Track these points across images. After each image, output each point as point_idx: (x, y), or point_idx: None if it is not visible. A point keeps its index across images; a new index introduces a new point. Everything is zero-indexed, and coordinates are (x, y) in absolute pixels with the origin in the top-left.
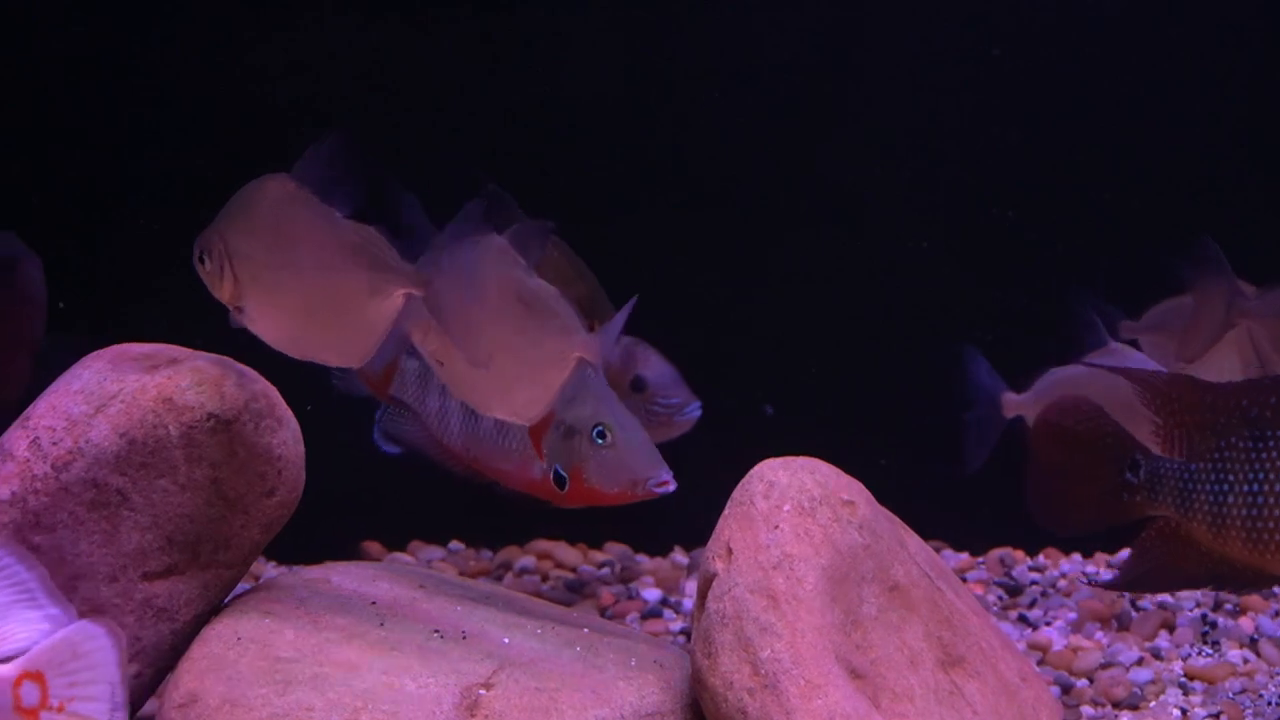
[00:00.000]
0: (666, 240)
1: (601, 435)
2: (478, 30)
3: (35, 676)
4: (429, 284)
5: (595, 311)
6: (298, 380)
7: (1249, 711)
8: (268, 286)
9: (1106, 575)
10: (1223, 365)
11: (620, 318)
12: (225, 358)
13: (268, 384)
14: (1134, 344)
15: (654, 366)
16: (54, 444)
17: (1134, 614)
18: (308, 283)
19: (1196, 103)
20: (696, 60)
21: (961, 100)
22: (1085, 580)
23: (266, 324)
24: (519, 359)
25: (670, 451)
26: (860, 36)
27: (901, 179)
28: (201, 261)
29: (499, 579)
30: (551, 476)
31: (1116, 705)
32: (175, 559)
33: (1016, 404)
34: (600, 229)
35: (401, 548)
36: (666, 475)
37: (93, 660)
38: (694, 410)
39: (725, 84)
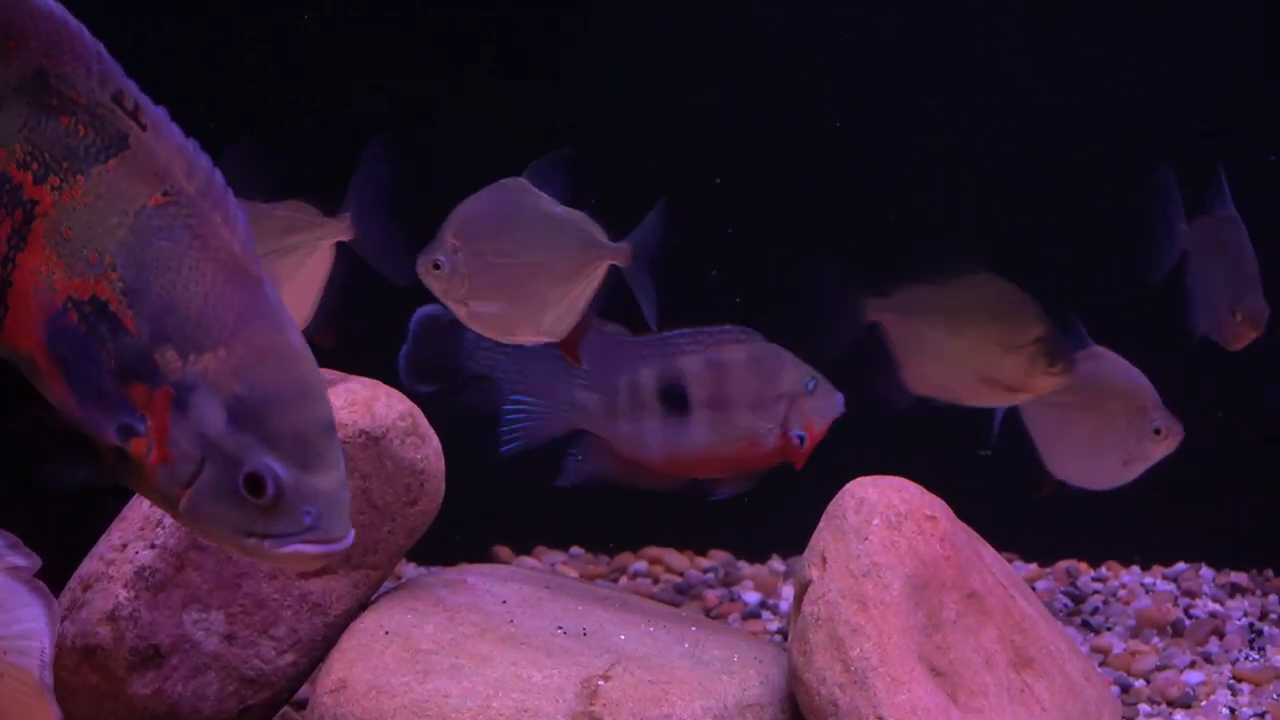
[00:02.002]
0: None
1: (812, 384)
2: None
3: None
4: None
5: None
6: (438, 403)
7: None
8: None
9: (1163, 586)
10: None
11: (652, 220)
12: (375, 381)
13: (413, 404)
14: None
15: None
16: None
17: (1187, 621)
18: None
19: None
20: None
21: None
22: (1143, 590)
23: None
24: (550, 278)
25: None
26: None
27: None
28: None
29: (615, 581)
30: (796, 441)
31: (1171, 704)
32: None
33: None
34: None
35: (528, 552)
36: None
37: (26, 615)
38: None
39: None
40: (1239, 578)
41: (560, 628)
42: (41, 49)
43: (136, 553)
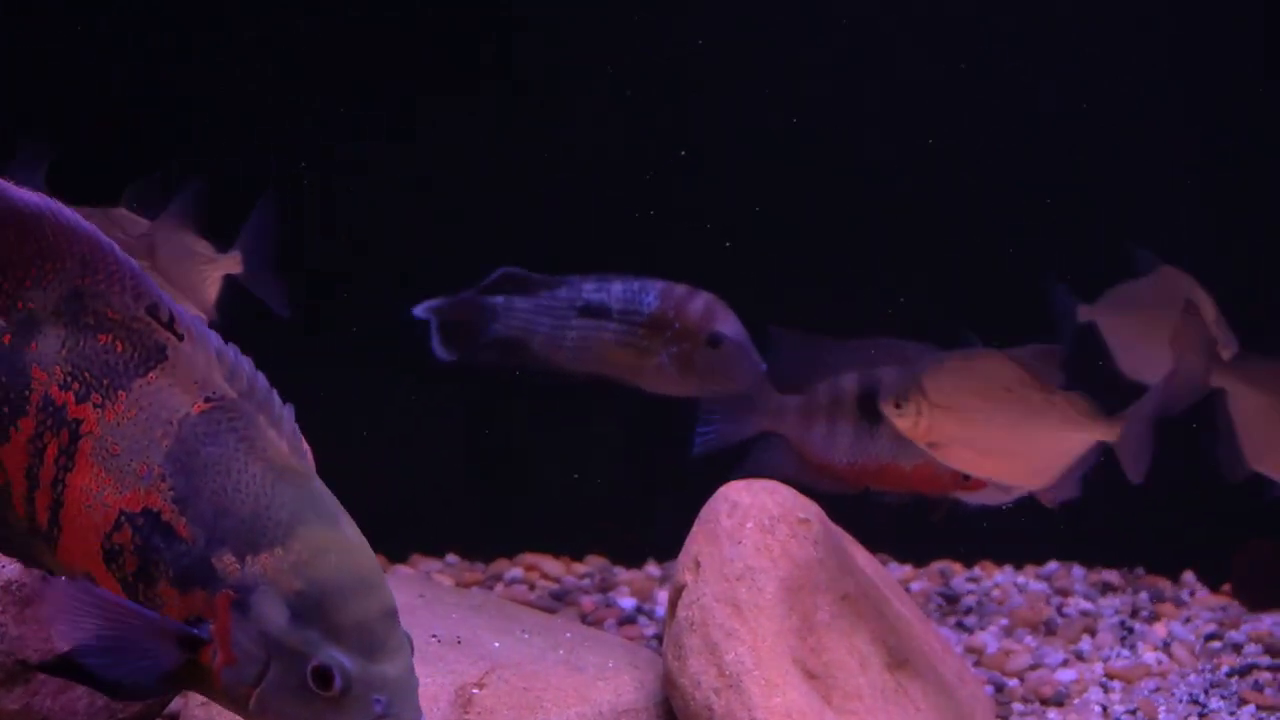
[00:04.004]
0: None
1: None
2: None
3: None
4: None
5: None
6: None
7: (1162, 708)
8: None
9: (1036, 586)
10: None
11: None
12: None
13: None
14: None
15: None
16: None
17: (1060, 620)
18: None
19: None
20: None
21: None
22: (1016, 589)
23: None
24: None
25: (645, 473)
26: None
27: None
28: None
29: (490, 588)
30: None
31: (1044, 703)
32: None
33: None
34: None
35: (404, 560)
36: None
37: None
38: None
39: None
40: (1110, 576)
41: (435, 636)
42: (76, 269)
43: (2, 567)
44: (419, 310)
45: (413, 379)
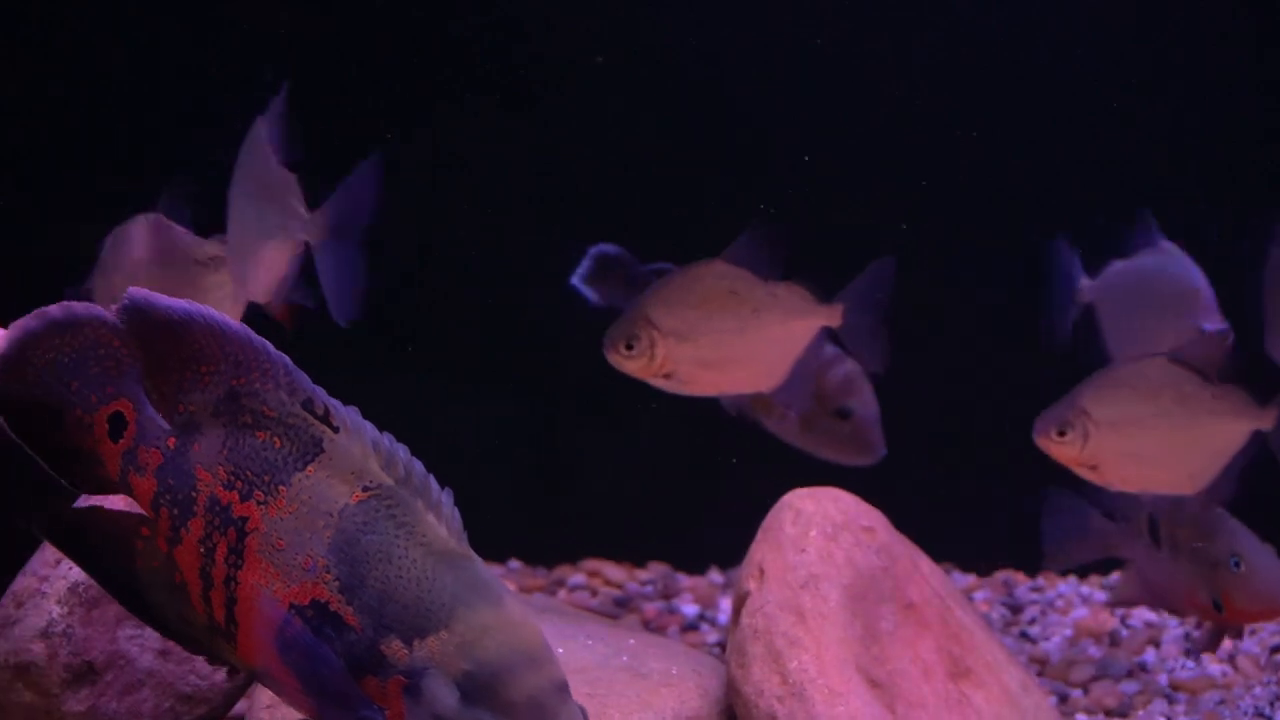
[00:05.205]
0: None
1: (1237, 564)
2: None
3: None
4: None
5: None
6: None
7: None
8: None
9: (1100, 596)
10: None
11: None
12: None
13: None
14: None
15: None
16: None
17: (1124, 631)
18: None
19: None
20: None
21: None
22: (1080, 600)
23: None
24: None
25: (707, 479)
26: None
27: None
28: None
29: (553, 594)
30: (1211, 604)
31: (1108, 714)
32: None
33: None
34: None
35: None
36: None
37: None
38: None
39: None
40: None
41: None
42: (229, 370)
43: (70, 569)
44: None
45: (475, 386)
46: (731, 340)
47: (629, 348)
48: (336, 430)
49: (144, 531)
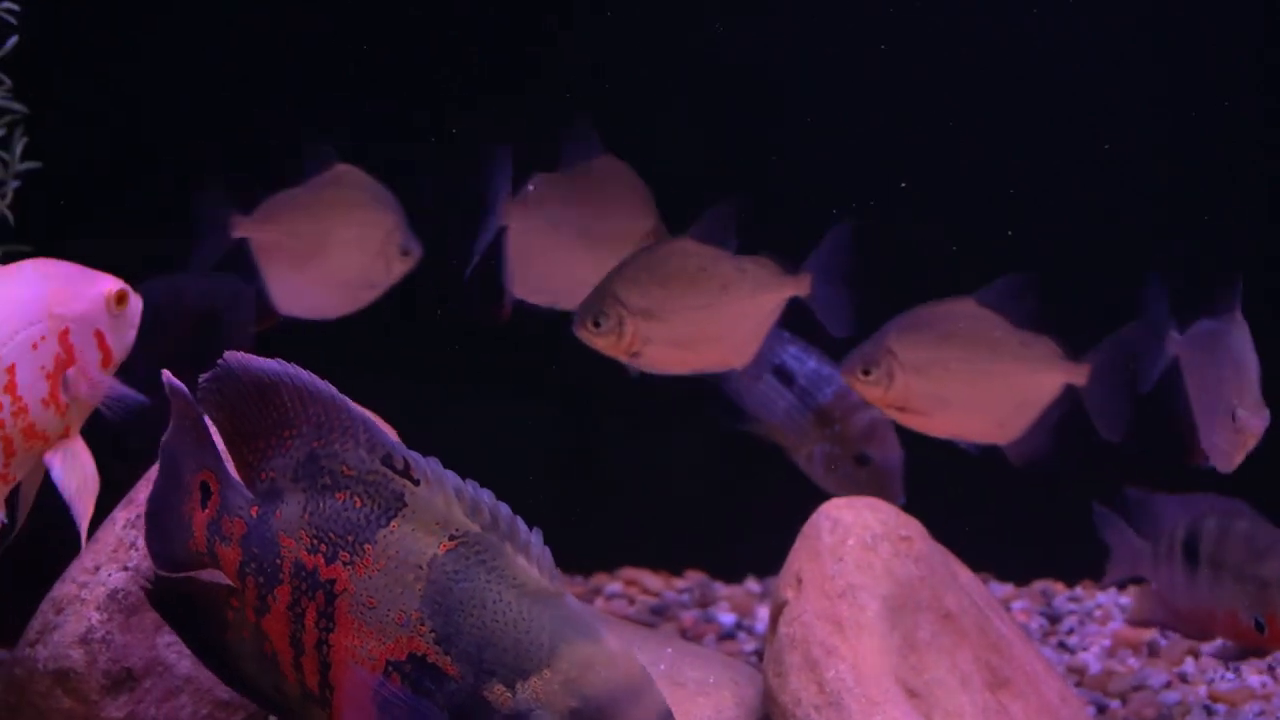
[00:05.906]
0: None
1: None
2: None
3: None
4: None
5: None
6: None
7: None
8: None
9: None
10: None
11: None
12: None
13: None
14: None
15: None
16: None
17: (1163, 641)
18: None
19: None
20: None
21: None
22: (1119, 610)
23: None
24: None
25: (744, 487)
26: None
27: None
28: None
29: (590, 602)
30: (1253, 623)
31: None
32: None
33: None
34: None
35: None
36: None
37: None
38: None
39: None
40: None
41: None
42: (311, 433)
43: (109, 575)
44: None
45: (515, 394)
46: (700, 317)
47: (596, 324)
48: (417, 483)
49: (234, 603)
